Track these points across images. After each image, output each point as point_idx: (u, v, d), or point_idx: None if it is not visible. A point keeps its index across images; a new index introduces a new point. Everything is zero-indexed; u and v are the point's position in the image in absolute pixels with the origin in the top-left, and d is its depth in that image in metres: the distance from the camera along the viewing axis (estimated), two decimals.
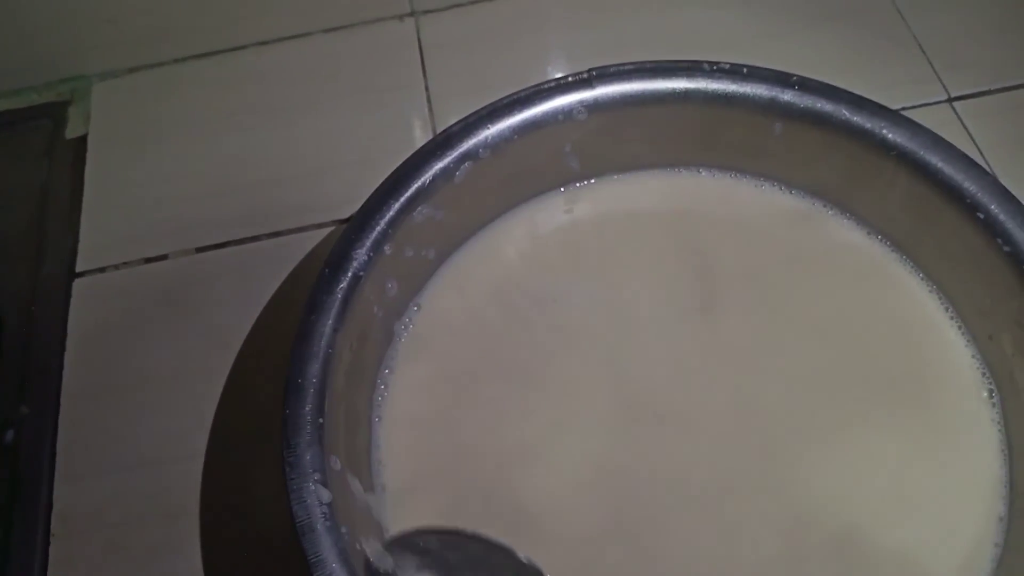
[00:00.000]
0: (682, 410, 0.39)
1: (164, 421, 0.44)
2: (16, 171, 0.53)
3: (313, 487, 0.32)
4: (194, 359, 0.45)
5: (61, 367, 0.46)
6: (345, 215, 0.49)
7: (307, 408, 0.33)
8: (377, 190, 0.38)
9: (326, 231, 0.49)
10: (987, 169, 0.46)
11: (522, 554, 0.35)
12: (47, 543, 0.41)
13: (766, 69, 0.40)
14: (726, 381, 0.40)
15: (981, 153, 0.49)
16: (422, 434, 0.38)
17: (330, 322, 0.35)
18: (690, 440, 0.38)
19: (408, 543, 0.36)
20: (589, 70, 0.41)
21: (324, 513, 0.31)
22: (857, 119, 0.39)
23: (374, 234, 0.37)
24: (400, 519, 0.36)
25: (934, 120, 0.48)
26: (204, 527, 0.41)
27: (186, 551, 0.40)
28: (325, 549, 0.31)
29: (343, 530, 0.31)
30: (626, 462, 0.38)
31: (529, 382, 0.40)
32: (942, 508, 0.36)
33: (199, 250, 0.49)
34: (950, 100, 0.52)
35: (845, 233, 0.42)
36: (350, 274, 0.36)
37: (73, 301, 0.48)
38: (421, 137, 0.52)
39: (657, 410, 0.39)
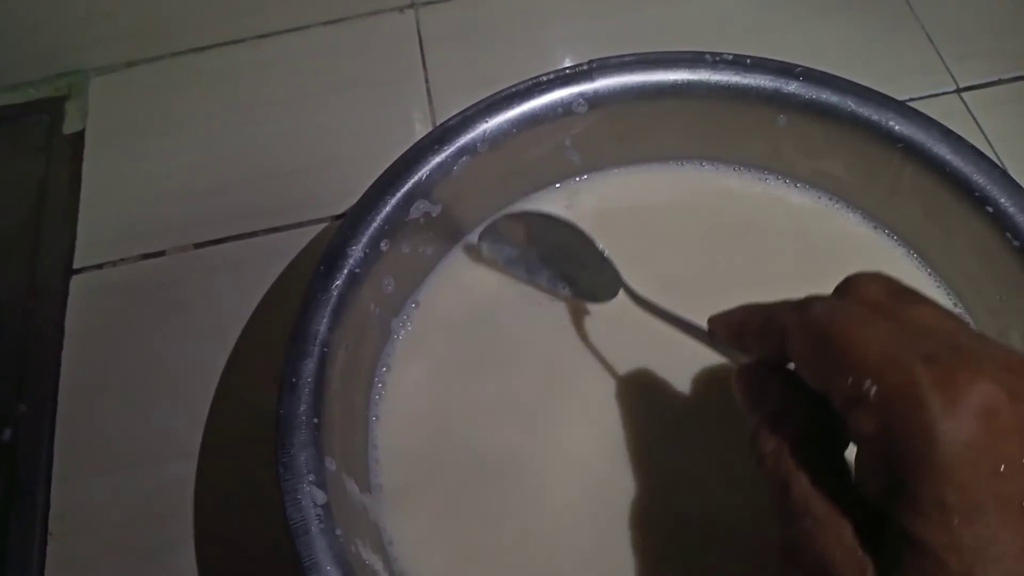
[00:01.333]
0: (687, 404, 0.38)
1: (162, 419, 0.44)
2: (13, 167, 0.53)
3: (308, 488, 0.31)
4: (192, 356, 0.45)
5: (59, 364, 0.45)
6: (344, 210, 0.48)
7: (302, 408, 0.33)
8: (373, 186, 0.38)
9: (325, 226, 0.49)
10: (996, 161, 0.46)
11: (601, 245, 0.37)
12: (44, 542, 0.41)
13: (770, 60, 0.40)
14: (730, 374, 0.39)
15: (990, 144, 0.48)
16: (421, 433, 0.38)
17: (325, 320, 0.35)
18: (695, 437, 0.37)
19: (498, 234, 0.40)
20: (589, 61, 0.40)
21: (319, 515, 0.31)
22: (863, 111, 0.38)
23: (370, 230, 0.37)
24: (398, 519, 0.36)
25: (943, 111, 0.47)
26: (199, 527, 0.40)
27: (183, 550, 0.40)
28: (319, 551, 0.30)
29: (338, 532, 0.31)
30: (628, 459, 0.37)
31: (530, 379, 0.39)
32: None
33: (197, 246, 0.49)
34: (959, 91, 0.51)
35: (851, 227, 0.42)
36: (346, 271, 0.36)
37: (71, 298, 0.47)
38: (421, 131, 0.51)
39: (661, 405, 0.38)
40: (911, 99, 0.49)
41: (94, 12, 0.54)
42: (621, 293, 0.37)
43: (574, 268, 0.39)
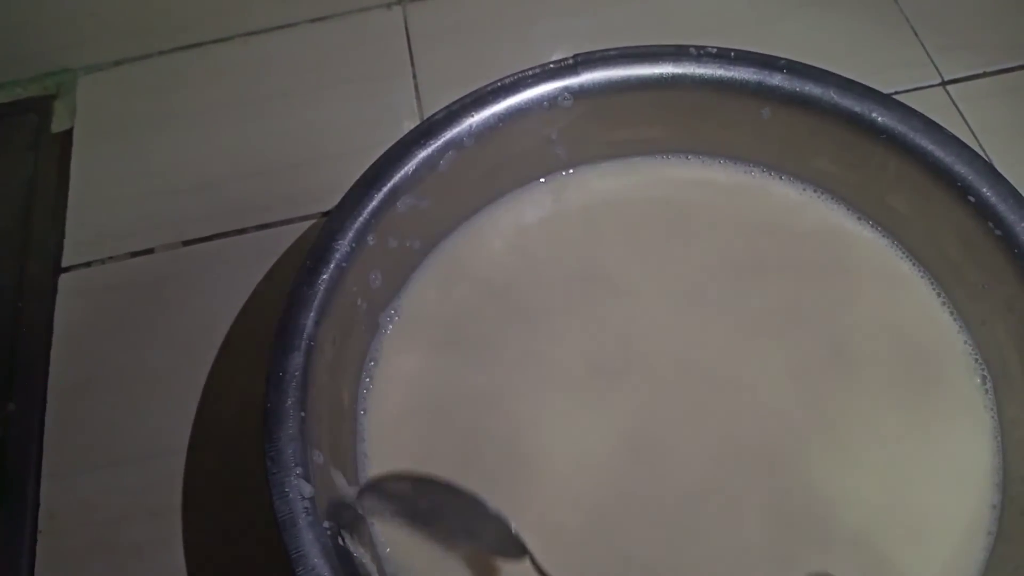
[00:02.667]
0: (676, 399, 0.38)
1: (151, 416, 0.44)
2: (2, 166, 0.53)
3: (295, 481, 0.31)
4: (182, 353, 0.45)
5: (47, 363, 0.45)
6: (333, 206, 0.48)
7: (289, 402, 0.33)
8: (359, 180, 0.38)
9: (314, 222, 0.49)
10: (981, 152, 0.46)
11: (491, 506, 0.33)
12: (34, 540, 0.41)
13: (754, 53, 0.40)
14: (718, 368, 0.39)
15: (975, 136, 0.49)
16: (408, 426, 0.38)
17: (312, 315, 0.35)
18: (684, 429, 0.38)
19: (382, 489, 0.36)
20: (574, 56, 0.40)
21: (306, 508, 0.31)
22: (846, 102, 0.39)
23: (357, 225, 0.37)
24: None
25: (928, 104, 0.47)
26: (189, 522, 0.40)
27: (173, 546, 0.40)
28: (307, 544, 0.30)
29: (326, 525, 0.31)
30: (617, 454, 0.37)
31: (517, 373, 0.39)
32: (935, 496, 0.35)
33: (185, 243, 0.49)
34: (944, 83, 0.51)
35: (836, 219, 0.42)
36: (332, 266, 0.36)
37: (59, 296, 0.47)
38: (409, 127, 0.51)
39: (652, 399, 0.38)
40: (896, 92, 0.50)
41: (82, 11, 0.54)
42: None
43: (474, 522, 0.34)
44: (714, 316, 0.40)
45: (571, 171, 0.44)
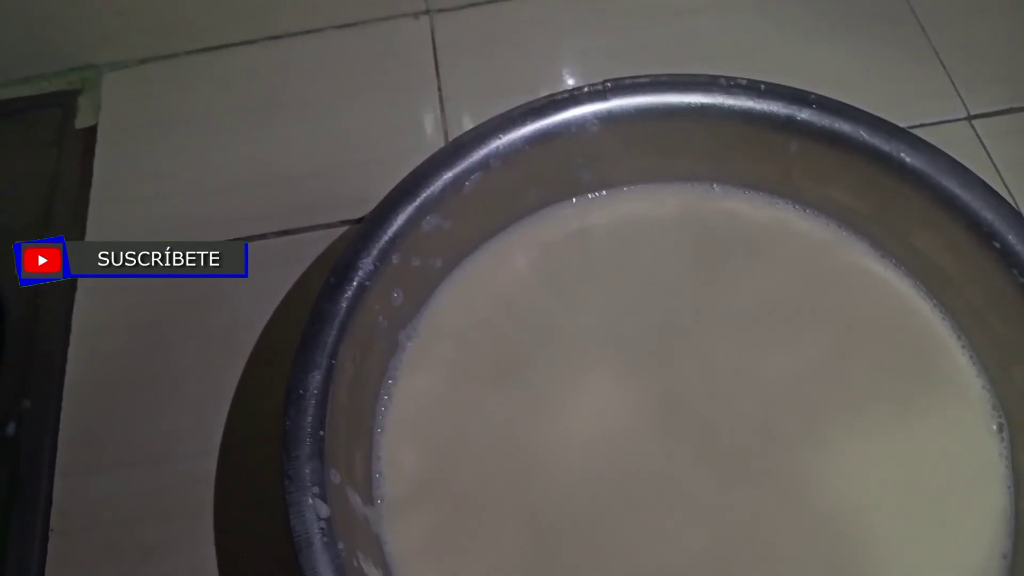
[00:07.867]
0: (692, 420, 0.39)
1: (168, 419, 0.44)
2: (25, 160, 0.53)
3: (312, 501, 0.32)
4: (199, 357, 0.45)
5: (64, 361, 0.46)
6: (354, 215, 0.48)
7: (308, 420, 0.33)
8: (385, 199, 0.38)
9: (337, 231, 0.49)
10: (1005, 190, 0.46)
11: None
12: (46, 538, 0.41)
13: (784, 87, 0.40)
14: (734, 397, 0.39)
15: (999, 173, 0.48)
16: (424, 446, 0.38)
17: (333, 332, 0.35)
18: (700, 449, 0.38)
19: None
20: (604, 82, 0.40)
21: (322, 528, 0.31)
22: (875, 141, 0.38)
23: (380, 243, 0.37)
24: (398, 532, 0.36)
25: (952, 138, 0.47)
26: (203, 527, 0.41)
27: (185, 550, 0.40)
28: (322, 565, 0.30)
29: (340, 546, 0.31)
30: (635, 473, 0.37)
31: (536, 393, 0.39)
32: (946, 542, 0.35)
33: None
34: (969, 118, 0.51)
35: (858, 256, 0.42)
36: (355, 283, 0.36)
37: (78, 294, 0.48)
38: (432, 138, 0.52)
39: (668, 420, 0.39)
40: (921, 124, 0.49)
41: (109, 8, 0.54)
42: None
43: None
44: (732, 344, 0.40)
45: (596, 195, 0.44)
